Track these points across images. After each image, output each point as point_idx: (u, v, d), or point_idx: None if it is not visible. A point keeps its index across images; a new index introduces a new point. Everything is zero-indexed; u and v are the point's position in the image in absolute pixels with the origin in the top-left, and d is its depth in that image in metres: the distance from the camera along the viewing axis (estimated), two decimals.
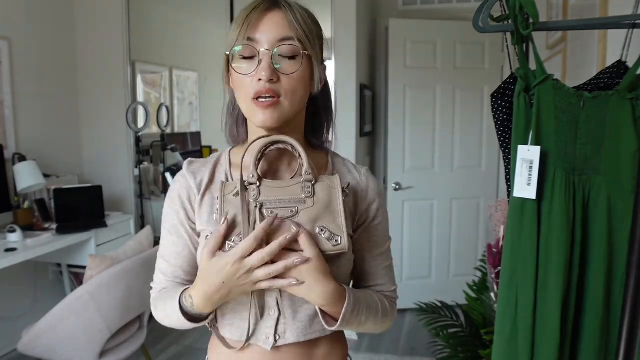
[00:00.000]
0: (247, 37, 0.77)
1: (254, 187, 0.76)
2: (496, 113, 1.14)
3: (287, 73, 0.77)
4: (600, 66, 1.64)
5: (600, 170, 1.02)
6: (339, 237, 0.74)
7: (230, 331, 0.84)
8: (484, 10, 1.09)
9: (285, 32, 0.77)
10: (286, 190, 0.76)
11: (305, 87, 0.81)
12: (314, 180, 0.77)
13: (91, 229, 2.71)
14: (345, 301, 0.77)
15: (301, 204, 0.75)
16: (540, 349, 1.03)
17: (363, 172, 0.91)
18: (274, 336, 0.81)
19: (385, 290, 0.91)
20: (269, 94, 0.76)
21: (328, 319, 0.79)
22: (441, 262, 3.61)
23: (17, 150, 2.79)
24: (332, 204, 0.76)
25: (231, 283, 0.72)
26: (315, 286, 0.73)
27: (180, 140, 3.82)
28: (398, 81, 3.40)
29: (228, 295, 0.75)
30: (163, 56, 3.82)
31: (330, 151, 0.94)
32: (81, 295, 1.93)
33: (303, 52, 0.77)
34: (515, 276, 1.06)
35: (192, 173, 0.87)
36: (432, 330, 2.20)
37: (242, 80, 0.78)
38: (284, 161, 0.86)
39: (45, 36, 3.04)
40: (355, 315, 0.79)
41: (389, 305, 0.89)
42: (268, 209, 0.74)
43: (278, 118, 0.78)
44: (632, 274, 0.84)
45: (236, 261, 0.71)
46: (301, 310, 0.82)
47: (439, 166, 3.52)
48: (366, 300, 0.83)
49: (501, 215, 2.00)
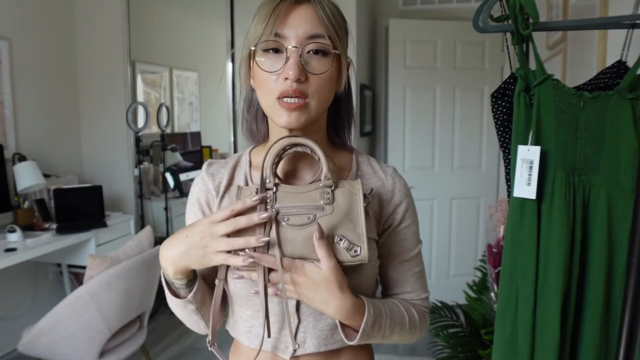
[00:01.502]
0: (274, 33, 0.71)
1: (270, 192, 0.72)
2: (496, 113, 1.14)
3: (316, 73, 0.72)
4: (600, 66, 1.64)
5: (600, 170, 1.02)
6: (359, 247, 0.70)
7: (248, 338, 0.81)
8: (484, 10, 1.09)
9: (315, 29, 0.72)
10: (304, 196, 0.72)
11: (332, 86, 0.77)
12: (334, 185, 0.72)
13: (91, 229, 2.71)
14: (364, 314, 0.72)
15: (319, 210, 0.70)
16: (540, 349, 1.03)
17: (389, 172, 0.85)
18: (294, 345, 0.77)
19: (415, 299, 0.85)
20: (296, 94, 0.71)
21: (349, 331, 0.74)
22: (441, 262, 3.61)
23: (17, 150, 2.79)
24: (352, 211, 0.71)
25: (192, 239, 0.69)
26: (331, 300, 0.69)
27: (180, 140, 3.82)
28: (398, 81, 3.40)
29: (186, 254, 0.70)
30: (163, 56, 3.82)
31: (355, 150, 0.89)
32: (81, 295, 1.93)
33: (334, 52, 0.73)
34: (515, 276, 1.06)
35: (211, 175, 0.83)
36: (432, 330, 2.20)
37: (267, 78, 0.73)
38: (306, 161, 0.81)
39: (45, 36, 3.04)
40: (377, 329, 0.74)
41: (417, 315, 0.83)
42: (284, 215, 0.70)
43: (304, 121, 0.74)
44: (632, 274, 0.84)
45: (206, 222, 0.69)
46: (322, 319, 0.78)
47: (439, 166, 3.52)
48: (390, 312, 0.78)
49: (501, 215, 2.00)
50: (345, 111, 0.87)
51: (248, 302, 0.79)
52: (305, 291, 0.70)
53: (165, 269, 0.75)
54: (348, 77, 0.85)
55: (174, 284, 0.77)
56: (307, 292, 0.70)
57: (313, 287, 0.69)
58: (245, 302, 0.79)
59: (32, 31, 2.94)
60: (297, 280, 0.70)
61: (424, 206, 3.55)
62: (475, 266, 2.63)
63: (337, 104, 0.85)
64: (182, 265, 0.72)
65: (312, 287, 0.69)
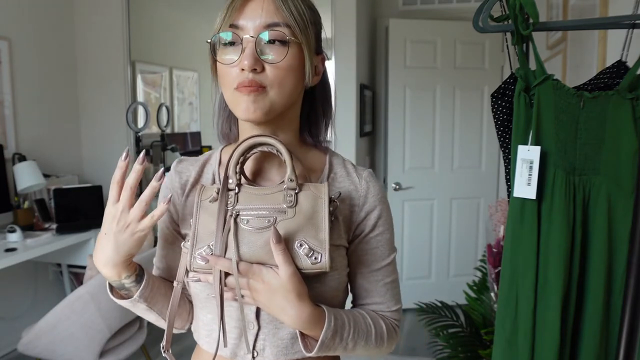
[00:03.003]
0: (230, 24, 0.70)
1: (232, 193, 0.69)
2: (496, 113, 1.14)
3: (271, 62, 0.69)
4: (600, 66, 1.64)
5: (600, 170, 1.02)
6: (320, 254, 0.66)
7: (208, 342, 0.79)
8: (484, 10, 1.09)
9: (272, 18, 0.69)
10: (266, 198, 0.69)
11: (295, 78, 0.72)
12: (298, 188, 0.69)
13: (91, 229, 2.71)
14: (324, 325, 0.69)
15: (280, 214, 0.67)
16: (540, 348, 1.03)
17: (364, 176, 0.80)
18: (249, 351, 0.74)
19: (385, 310, 0.81)
20: (252, 85, 0.69)
21: (309, 341, 0.71)
22: (441, 262, 3.61)
23: (17, 150, 2.79)
24: (316, 215, 0.68)
25: (111, 229, 0.70)
26: (288, 308, 0.66)
27: (180, 140, 3.82)
28: (398, 81, 3.40)
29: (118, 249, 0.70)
30: (163, 56, 3.82)
31: (330, 150, 0.85)
32: (81, 295, 1.93)
33: (291, 39, 0.70)
34: (515, 276, 1.06)
35: (179, 173, 0.82)
36: (432, 330, 2.20)
37: (226, 71, 0.71)
38: (275, 162, 0.78)
39: (45, 36, 3.04)
40: (339, 341, 0.71)
41: (385, 328, 0.78)
42: (244, 218, 0.67)
43: (263, 109, 0.70)
44: (632, 274, 0.84)
45: (111, 209, 0.70)
46: (283, 327, 0.74)
47: (439, 166, 3.52)
48: (354, 323, 0.74)
49: (501, 215, 2.00)
50: (321, 109, 0.84)
51: (208, 305, 0.77)
52: (261, 298, 0.67)
53: (110, 275, 0.74)
54: (324, 72, 0.82)
55: (124, 286, 0.75)
56: (263, 298, 0.67)
57: (270, 294, 0.66)
58: (205, 304, 0.77)
59: (32, 31, 2.94)
60: (254, 286, 0.67)
61: (424, 206, 3.55)
62: (475, 266, 2.63)
63: (312, 100, 0.82)
64: (122, 257, 0.72)
65: (269, 294, 0.66)
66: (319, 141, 0.85)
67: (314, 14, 0.76)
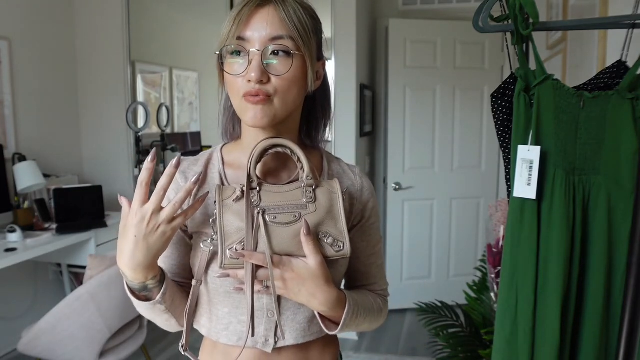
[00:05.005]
0: (237, 36, 0.74)
1: (254, 192, 0.74)
2: (496, 113, 1.14)
3: (277, 74, 0.74)
4: (600, 66, 1.64)
5: (600, 170, 1.02)
6: (342, 242, 0.75)
7: (226, 335, 0.81)
8: (484, 10, 1.09)
9: (277, 31, 0.73)
10: (287, 195, 0.75)
11: (299, 87, 0.77)
12: (315, 185, 0.76)
13: (91, 229, 2.71)
14: (345, 306, 0.77)
15: (303, 209, 0.74)
16: (540, 348, 1.03)
17: (357, 173, 0.91)
18: (274, 338, 0.81)
19: (377, 289, 0.93)
20: (259, 94, 0.73)
21: (327, 323, 0.79)
22: (441, 262, 3.61)
23: (17, 150, 2.79)
24: (333, 209, 0.76)
25: (143, 233, 0.69)
26: (318, 293, 0.74)
27: (180, 140, 3.82)
28: (398, 81, 3.40)
29: (150, 251, 0.70)
30: (163, 56, 3.81)
31: (324, 151, 0.92)
32: (81, 295, 1.93)
33: (295, 53, 0.74)
34: (515, 276, 1.06)
35: (183, 173, 0.83)
36: (432, 330, 2.20)
37: (233, 81, 0.75)
38: (280, 161, 0.84)
39: (45, 36, 3.04)
40: (355, 319, 0.80)
41: (382, 304, 0.91)
42: (271, 214, 0.73)
43: (269, 116, 0.75)
44: (632, 274, 0.84)
45: (138, 211, 0.69)
46: (300, 312, 0.81)
47: (439, 166, 3.52)
48: (364, 303, 0.84)
49: (501, 215, 2.00)
50: (321, 111, 0.89)
51: (226, 300, 0.79)
52: (292, 286, 0.73)
53: (138, 278, 0.73)
54: (324, 76, 0.86)
55: (146, 287, 0.76)
56: (294, 287, 0.73)
57: (300, 282, 0.73)
58: (223, 299, 0.80)
59: (32, 31, 2.94)
60: (285, 276, 0.73)
61: (424, 206, 3.55)
62: (475, 266, 2.63)
63: (313, 103, 0.87)
64: (153, 259, 0.72)
65: (299, 282, 0.73)
66: (316, 142, 0.90)
67: (315, 23, 0.80)
